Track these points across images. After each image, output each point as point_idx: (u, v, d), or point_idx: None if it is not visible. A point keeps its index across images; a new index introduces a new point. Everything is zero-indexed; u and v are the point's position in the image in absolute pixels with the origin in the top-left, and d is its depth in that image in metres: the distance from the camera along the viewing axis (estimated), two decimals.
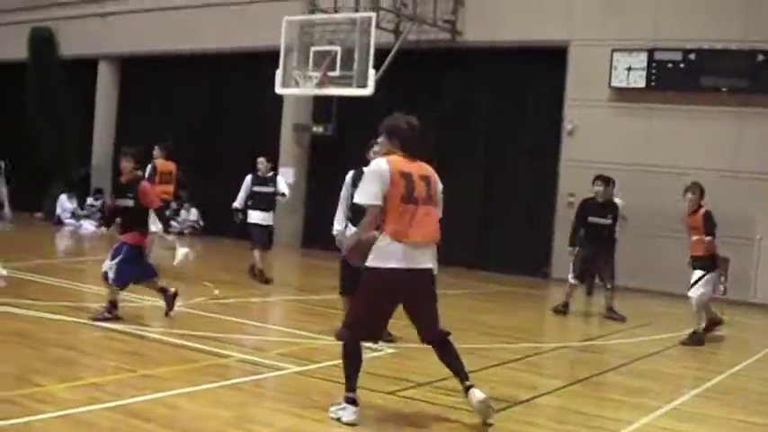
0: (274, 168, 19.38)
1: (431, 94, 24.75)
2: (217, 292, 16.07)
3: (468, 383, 8.29)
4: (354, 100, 22.37)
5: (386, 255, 7.87)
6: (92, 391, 8.48)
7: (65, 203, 29.78)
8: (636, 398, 9.90)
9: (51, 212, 30.01)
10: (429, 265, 8.09)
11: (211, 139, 29.10)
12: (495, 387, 9.67)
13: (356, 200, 8.09)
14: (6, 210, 16.17)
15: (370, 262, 7.90)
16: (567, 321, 16.30)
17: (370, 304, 8.03)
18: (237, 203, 18.65)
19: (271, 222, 18.76)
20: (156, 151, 19.96)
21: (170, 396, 8.44)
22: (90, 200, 30.71)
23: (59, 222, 29.34)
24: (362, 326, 8.05)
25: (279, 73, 22.83)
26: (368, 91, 21.23)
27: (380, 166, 7.93)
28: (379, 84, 21.44)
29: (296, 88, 22.79)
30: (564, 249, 18.02)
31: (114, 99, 32.53)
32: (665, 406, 9.49)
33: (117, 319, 12.40)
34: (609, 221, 16.59)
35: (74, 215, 29.28)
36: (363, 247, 7.95)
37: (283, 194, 18.70)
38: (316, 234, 24.29)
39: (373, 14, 21.93)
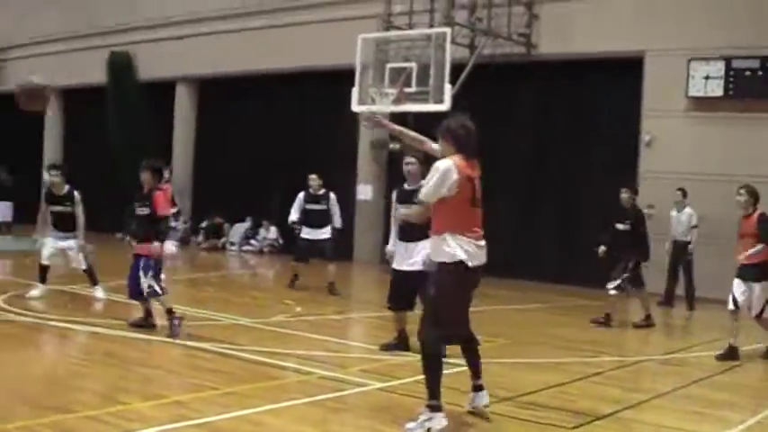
0: (326, 185, 19.58)
1: (507, 108, 24.73)
2: (299, 309, 16.18)
3: (480, 382, 8.71)
4: (431, 115, 22.36)
5: (462, 251, 8.11)
6: (177, 408, 8.61)
7: None
8: (719, 411, 9.83)
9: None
10: (484, 261, 8.34)
11: (289, 158, 29.28)
12: (577, 401, 9.68)
13: (420, 196, 8.31)
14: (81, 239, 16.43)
15: (444, 258, 8.16)
16: (647, 334, 16.20)
17: (453, 301, 8.25)
18: (293, 217, 19.25)
19: (324, 236, 19.17)
20: (165, 174, 20.27)
21: (255, 413, 8.53)
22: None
23: None
24: (446, 324, 8.21)
25: (355, 91, 22.92)
26: (444, 106, 21.20)
27: (450, 169, 8.12)
28: (455, 98, 21.44)
29: (372, 105, 22.82)
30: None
31: (192, 121, 32.87)
32: (748, 419, 9.41)
33: (181, 319, 12.87)
34: (627, 227, 16.50)
35: None
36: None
37: (337, 229, 18.99)
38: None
39: (448, 30, 21.93)
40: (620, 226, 16.59)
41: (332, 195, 19.12)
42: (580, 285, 22.35)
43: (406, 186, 11.93)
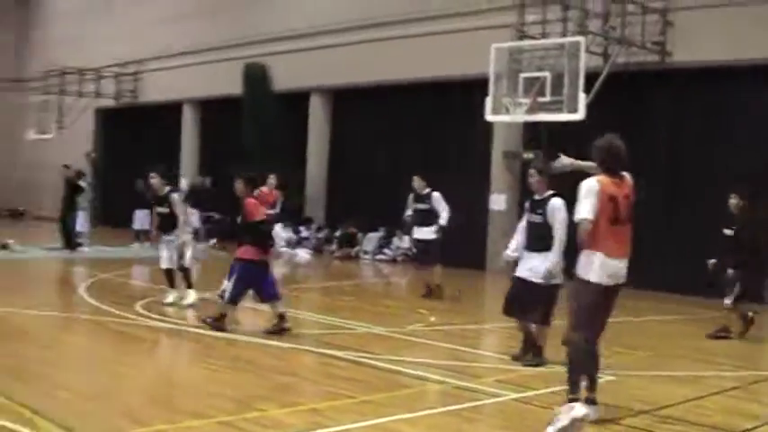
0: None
1: (641, 117, 24.39)
2: (432, 318, 16.22)
3: (594, 395, 8.88)
4: (564, 125, 22.26)
5: (597, 270, 8.54)
6: (312, 416, 8.72)
7: (279, 233, 30.48)
8: None
9: None
10: (624, 280, 8.80)
11: (421, 168, 29.32)
12: (714, 415, 9.53)
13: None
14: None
15: (585, 275, 8.57)
16: None
17: (588, 312, 8.65)
18: (407, 213, 20.14)
19: (430, 237, 19.53)
20: (271, 179, 21.24)
21: (390, 422, 8.60)
22: (302, 229, 31.34)
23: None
24: (585, 330, 8.67)
25: (488, 100, 22.87)
26: (579, 115, 21.07)
27: (591, 187, 8.54)
28: (588, 108, 21.28)
29: (506, 115, 22.78)
30: None
31: (326, 130, 33.11)
32: None
33: (222, 330, 13.47)
34: (731, 233, 16.15)
35: (288, 244, 29.91)
36: None
37: (442, 226, 19.30)
38: None
39: (582, 39, 21.77)
40: (726, 231, 16.30)
41: (435, 194, 19.47)
42: (718, 297, 21.79)
43: (536, 197, 11.97)
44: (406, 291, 23.31)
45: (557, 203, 11.40)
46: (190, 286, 16.56)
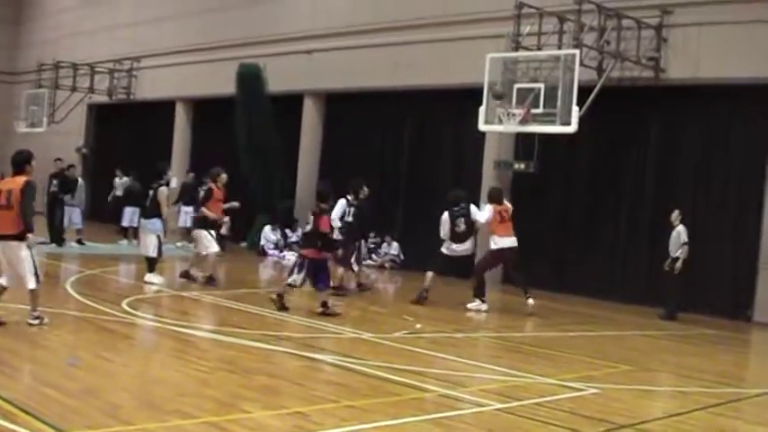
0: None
1: (633, 133, 24.41)
2: (418, 326, 16.23)
3: None
4: (556, 137, 22.29)
5: None
6: (296, 419, 8.73)
7: (269, 235, 30.46)
8: None
9: (256, 243, 30.68)
10: None
11: (413, 175, 29.36)
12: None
13: None
14: None
15: None
16: None
17: None
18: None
19: None
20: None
21: (373, 428, 8.62)
22: (289, 232, 31.18)
23: (263, 253, 30.01)
24: None
25: (482, 110, 22.87)
26: (571, 128, 21.07)
27: None
28: (580, 121, 21.25)
29: (499, 125, 22.75)
30: None
31: (319, 134, 33.04)
32: None
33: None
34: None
35: (277, 246, 29.93)
36: None
37: None
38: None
39: (576, 52, 21.78)
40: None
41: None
42: (704, 314, 21.71)
43: None
44: (395, 298, 23.33)
45: None
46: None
